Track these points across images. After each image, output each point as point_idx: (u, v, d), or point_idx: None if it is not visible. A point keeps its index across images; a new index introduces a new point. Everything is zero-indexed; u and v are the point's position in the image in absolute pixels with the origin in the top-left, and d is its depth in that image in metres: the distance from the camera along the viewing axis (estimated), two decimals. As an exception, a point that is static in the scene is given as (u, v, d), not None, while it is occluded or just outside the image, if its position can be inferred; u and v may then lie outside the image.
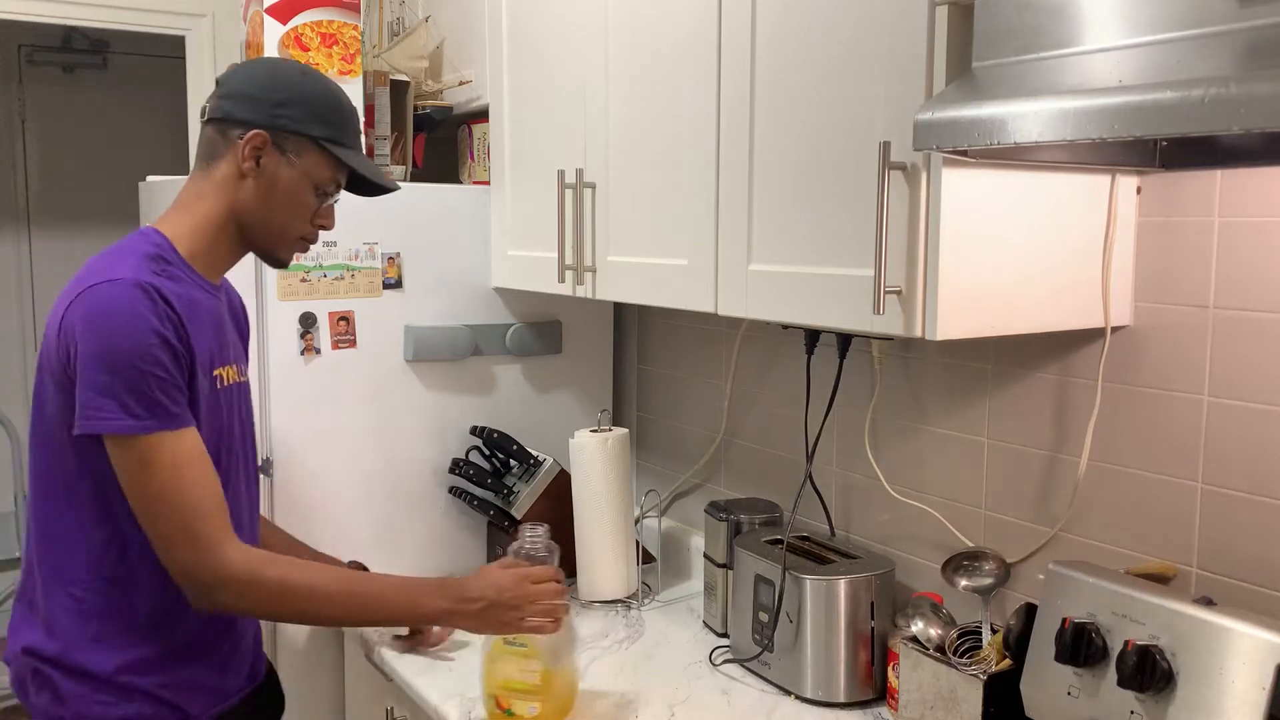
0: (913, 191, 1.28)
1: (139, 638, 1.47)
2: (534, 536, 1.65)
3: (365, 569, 1.90)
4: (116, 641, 1.46)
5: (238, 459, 1.57)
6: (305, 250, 1.62)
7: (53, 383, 1.42)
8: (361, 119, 1.61)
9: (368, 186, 1.64)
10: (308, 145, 1.51)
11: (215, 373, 1.50)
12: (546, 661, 1.56)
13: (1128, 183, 1.43)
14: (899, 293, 1.30)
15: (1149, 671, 1.23)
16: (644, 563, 2.17)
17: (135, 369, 1.35)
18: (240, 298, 1.75)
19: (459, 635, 1.89)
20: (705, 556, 1.97)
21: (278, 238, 1.55)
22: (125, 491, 1.39)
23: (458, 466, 2.19)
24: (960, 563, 1.59)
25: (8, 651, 1.52)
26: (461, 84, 2.35)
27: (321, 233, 1.59)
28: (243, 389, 1.62)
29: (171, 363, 1.38)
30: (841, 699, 1.66)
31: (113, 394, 1.35)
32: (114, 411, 1.35)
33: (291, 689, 2.07)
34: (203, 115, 1.54)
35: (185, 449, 1.40)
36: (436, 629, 1.87)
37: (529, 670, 1.56)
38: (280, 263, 1.60)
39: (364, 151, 1.61)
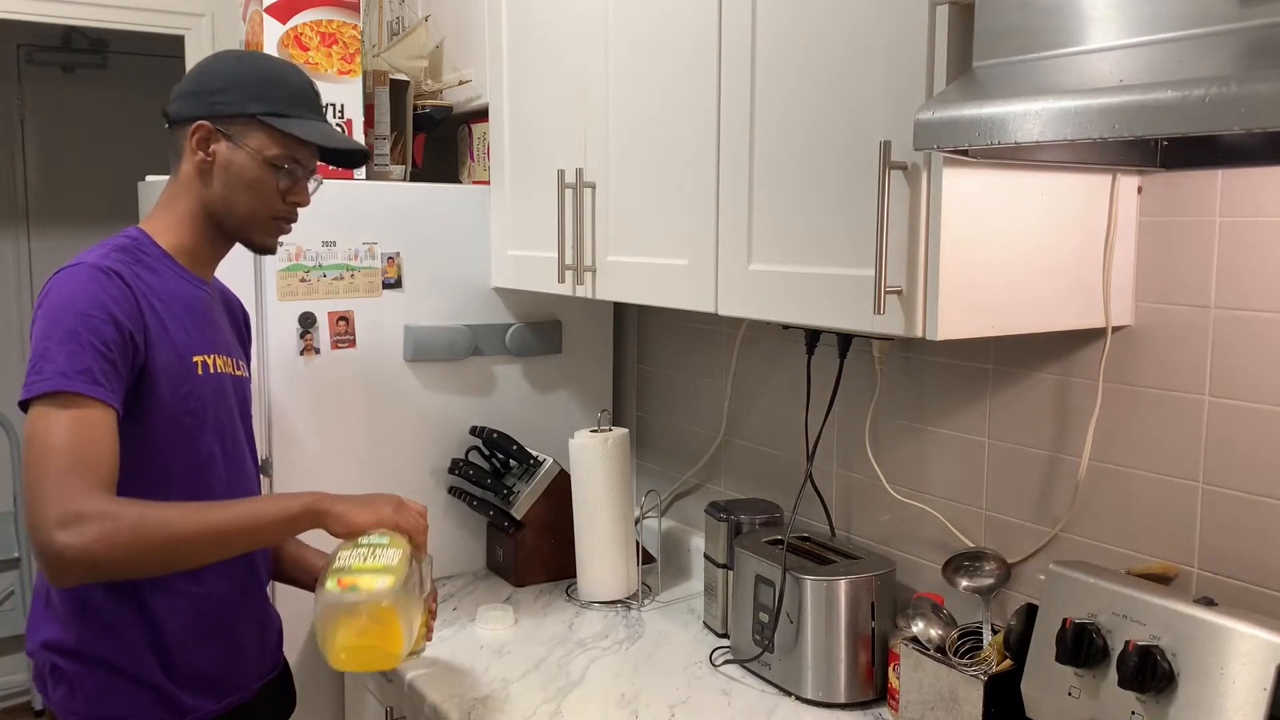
0: (913, 191, 1.28)
1: (148, 631, 1.47)
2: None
3: None
4: (130, 635, 1.47)
5: (228, 446, 1.55)
6: (285, 231, 1.59)
7: None
8: (316, 89, 1.59)
9: (342, 156, 1.63)
10: (251, 125, 1.51)
11: (195, 358, 1.49)
12: (404, 554, 1.42)
13: (1128, 183, 1.43)
14: (899, 293, 1.30)
15: (1150, 672, 1.23)
16: (644, 563, 2.17)
17: (75, 334, 1.34)
18: (241, 304, 1.75)
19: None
20: (705, 557, 1.97)
21: (249, 222, 1.54)
22: (23, 453, 1.33)
23: (457, 466, 2.19)
24: (961, 563, 1.59)
25: (28, 646, 1.53)
26: (461, 83, 2.35)
27: (320, 233, 1.58)
28: (240, 382, 1.62)
29: (115, 339, 1.36)
30: (842, 699, 1.66)
31: (47, 357, 1.33)
32: (46, 374, 1.32)
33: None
34: (166, 126, 1.57)
35: (94, 417, 1.32)
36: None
37: (386, 558, 1.40)
38: (263, 248, 1.59)
39: (322, 120, 1.59)
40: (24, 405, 1.35)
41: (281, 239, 1.61)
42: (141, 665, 1.47)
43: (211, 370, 1.52)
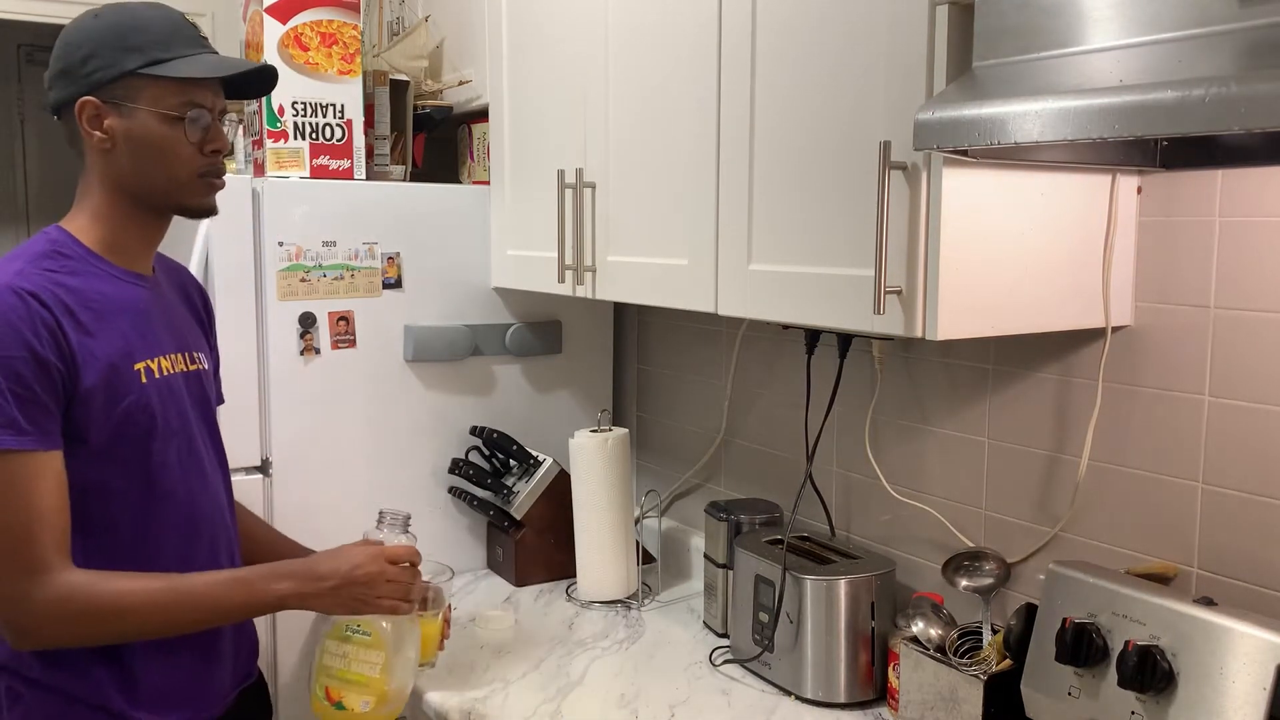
0: (913, 191, 1.28)
1: (110, 654, 1.40)
2: (394, 513, 1.60)
3: None
4: (85, 659, 1.39)
5: (184, 451, 1.47)
6: (218, 186, 1.45)
7: None
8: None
9: (248, 85, 1.47)
10: (134, 82, 1.36)
11: (137, 366, 1.40)
12: (389, 653, 1.50)
13: (1128, 183, 1.43)
14: (899, 293, 1.30)
15: (1150, 672, 1.23)
16: (644, 563, 2.17)
17: None
18: (196, 281, 1.66)
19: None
20: (705, 557, 1.97)
21: (173, 189, 1.41)
22: None
23: (458, 466, 2.19)
24: (960, 563, 1.59)
25: None
26: (461, 84, 2.35)
27: (320, 234, 1.51)
28: (194, 378, 1.52)
29: (37, 379, 1.28)
30: (842, 699, 1.66)
31: None
32: None
33: (291, 688, 2.08)
34: (55, 119, 1.44)
35: (31, 470, 1.28)
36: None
37: (369, 662, 1.49)
38: (201, 210, 1.45)
39: (208, 51, 1.42)
40: None
41: (218, 194, 1.47)
42: (100, 691, 1.40)
43: (157, 375, 1.43)
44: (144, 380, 1.40)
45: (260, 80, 1.48)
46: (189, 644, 1.46)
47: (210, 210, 1.46)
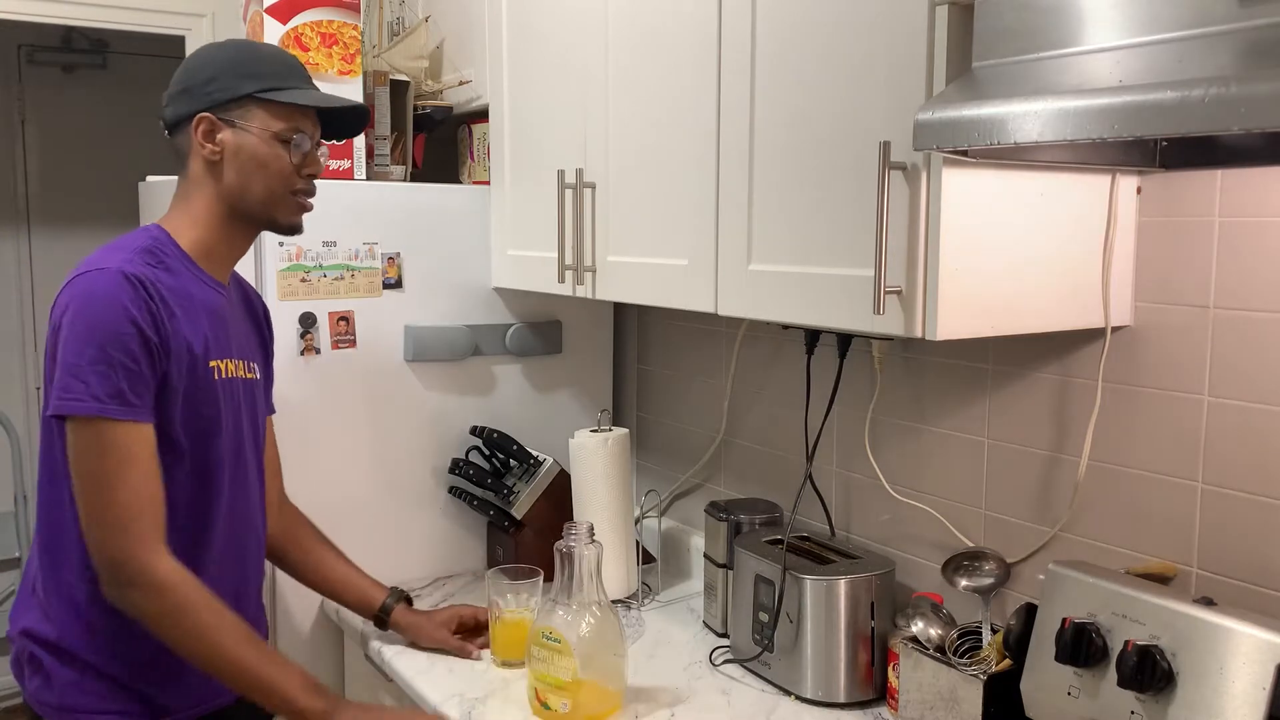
0: (913, 191, 1.28)
1: (131, 634, 1.47)
2: (574, 533, 1.63)
3: (409, 599, 1.90)
4: (110, 635, 1.47)
5: (234, 453, 1.58)
6: (308, 208, 1.60)
7: (50, 369, 1.45)
8: (299, 62, 1.62)
9: (343, 127, 1.65)
10: (249, 104, 1.52)
11: (212, 363, 1.51)
12: (579, 662, 1.57)
13: (1128, 183, 1.43)
14: (899, 293, 1.30)
15: (1149, 671, 1.23)
16: (644, 563, 2.17)
17: (105, 354, 1.38)
18: (261, 299, 1.78)
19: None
20: (705, 556, 1.97)
21: (270, 203, 1.55)
22: (71, 471, 1.41)
23: (458, 466, 2.19)
24: (960, 563, 1.59)
25: (9, 631, 1.54)
26: (461, 84, 2.35)
27: (321, 234, 1.58)
28: (250, 386, 1.64)
29: (143, 354, 1.40)
30: (841, 699, 1.66)
31: (80, 376, 1.38)
32: (79, 394, 1.38)
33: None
34: (165, 134, 1.58)
35: (136, 442, 1.41)
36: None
37: (562, 668, 1.58)
38: (290, 227, 1.60)
39: (314, 88, 1.60)
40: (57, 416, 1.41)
41: (305, 216, 1.61)
42: (119, 665, 1.48)
43: (225, 375, 1.55)
44: (215, 378, 1.53)
45: (355, 118, 1.65)
46: None
47: (297, 229, 1.61)
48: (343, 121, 1.64)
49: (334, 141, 1.72)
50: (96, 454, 1.39)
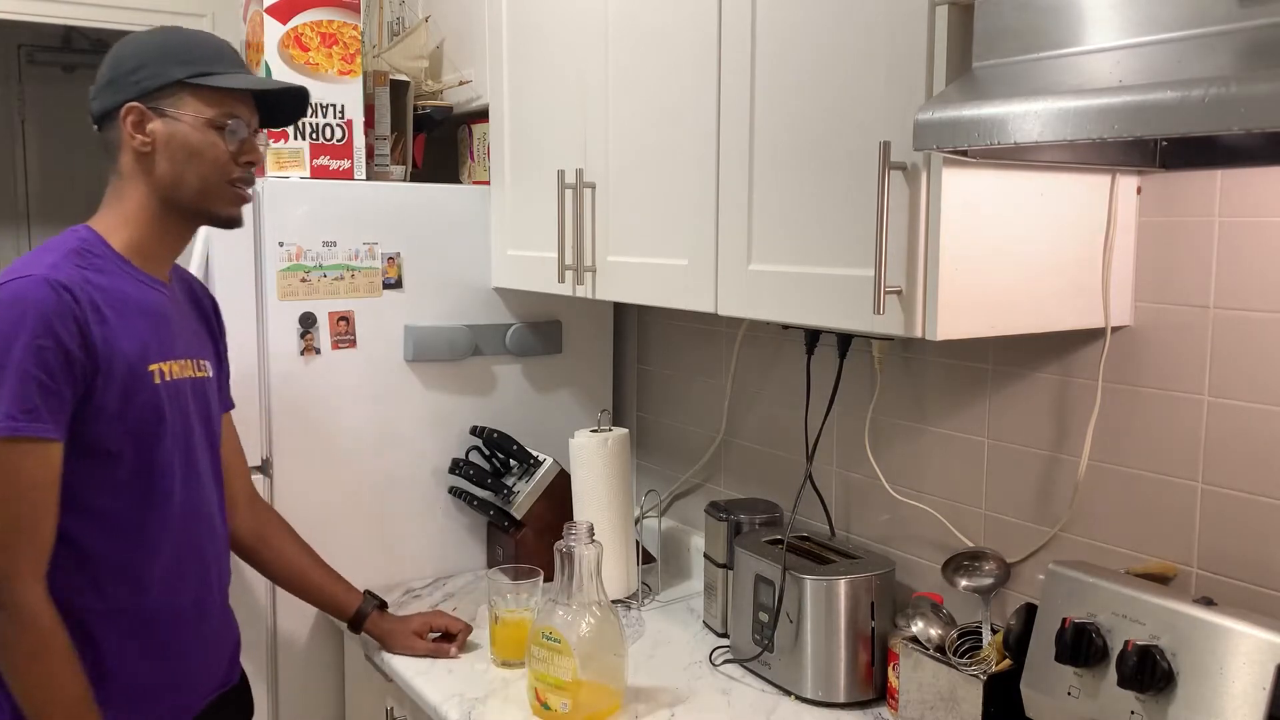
0: (913, 191, 1.28)
1: (81, 648, 1.40)
2: (574, 533, 1.63)
3: (384, 604, 1.89)
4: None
5: (184, 455, 1.51)
6: (247, 198, 1.52)
7: None
8: (242, 53, 1.54)
9: (284, 112, 1.57)
10: (179, 91, 1.44)
11: (151, 367, 1.44)
12: (579, 662, 1.57)
13: (1128, 183, 1.43)
14: (899, 293, 1.30)
15: (1149, 671, 1.23)
16: (644, 563, 2.17)
17: (21, 369, 1.31)
18: (209, 293, 1.71)
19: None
20: (705, 556, 1.97)
21: (206, 194, 1.47)
22: None
23: (458, 466, 2.19)
24: (960, 563, 1.59)
25: None
26: (461, 84, 2.35)
27: (321, 234, 1.54)
28: (202, 385, 1.56)
29: (61, 370, 1.33)
30: (841, 699, 1.66)
31: None
32: None
33: (291, 689, 2.08)
34: (95, 129, 1.52)
35: (38, 464, 1.34)
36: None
37: (562, 668, 1.57)
38: (228, 219, 1.52)
39: (247, 72, 1.52)
40: None
41: (244, 208, 1.54)
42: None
43: (168, 378, 1.47)
44: (156, 381, 1.45)
45: (294, 102, 1.57)
46: (164, 645, 1.49)
47: (236, 221, 1.53)
48: (282, 106, 1.56)
49: (275, 129, 1.64)
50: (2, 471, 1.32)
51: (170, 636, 1.50)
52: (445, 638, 1.86)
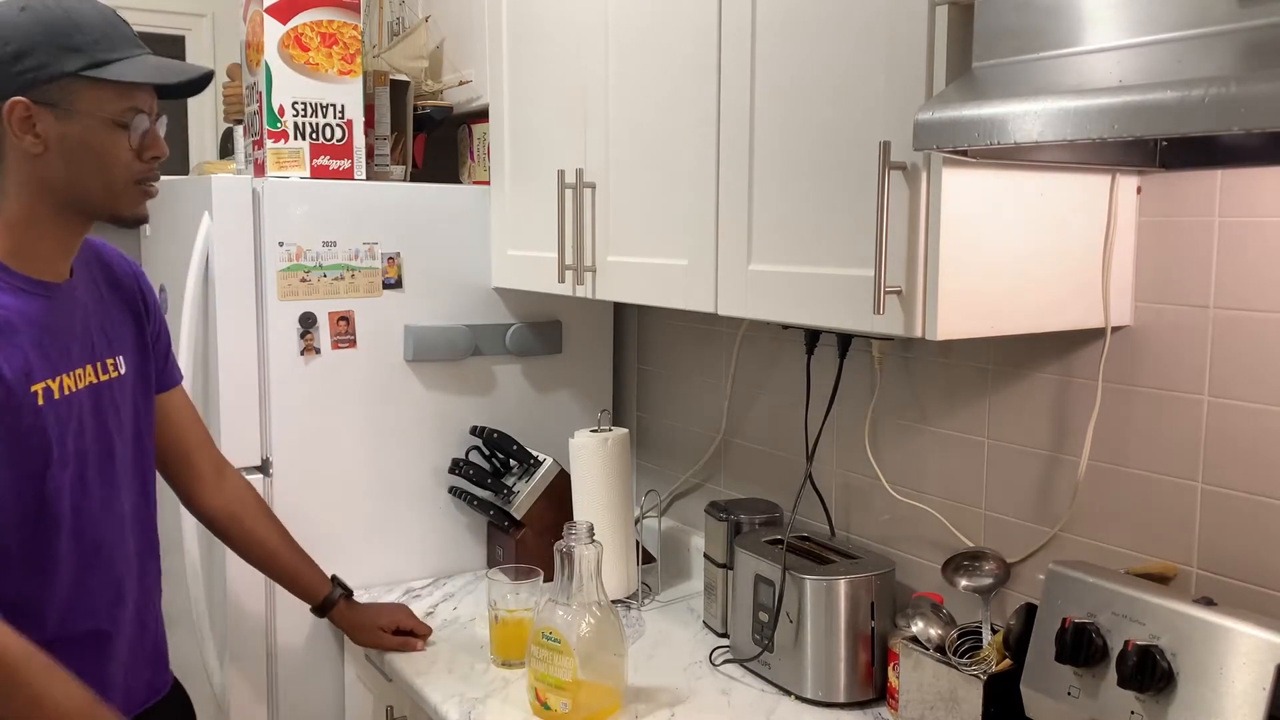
0: (913, 191, 1.28)
1: None
2: (574, 533, 1.63)
3: (350, 593, 1.89)
4: None
5: (81, 473, 1.38)
6: (153, 194, 1.37)
7: None
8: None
9: (178, 86, 1.37)
10: (72, 85, 1.27)
11: (35, 387, 1.30)
12: (579, 662, 1.57)
13: (1128, 183, 1.43)
14: (899, 293, 1.30)
15: (1149, 671, 1.23)
16: (644, 563, 2.17)
17: None
18: (133, 270, 1.56)
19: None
20: (705, 556, 1.97)
21: (107, 195, 1.33)
22: None
23: (458, 466, 2.19)
24: (960, 563, 1.59)
25: None
26: (461, 84, 2.35)
27: (321, 234, 1.47)
28: (110, 388, 1.43)
29: None
30: (841, 699, 1.66)
31: None
32: None
33: (291, 689, 2.08)
34: None
35: None
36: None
37: (562, 668, 1.57)
38: (135, 219, 1.37)
39: (145, 52, 1.33)
40: None
41: (148, 202, 1.39)
42: None
43: (56, 395, 1.33)
44: (40, 402, 1.31)
45: (193, 84, 1.39)
46: (73, 664, 1.31)
47: (142, 219, 1.39)
48: (183, 85, 1.38)
49: (173, 98, 1.43)
50: None
51: (77, 666, 1.30)
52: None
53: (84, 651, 1.39)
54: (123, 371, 1.47)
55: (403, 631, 1.89)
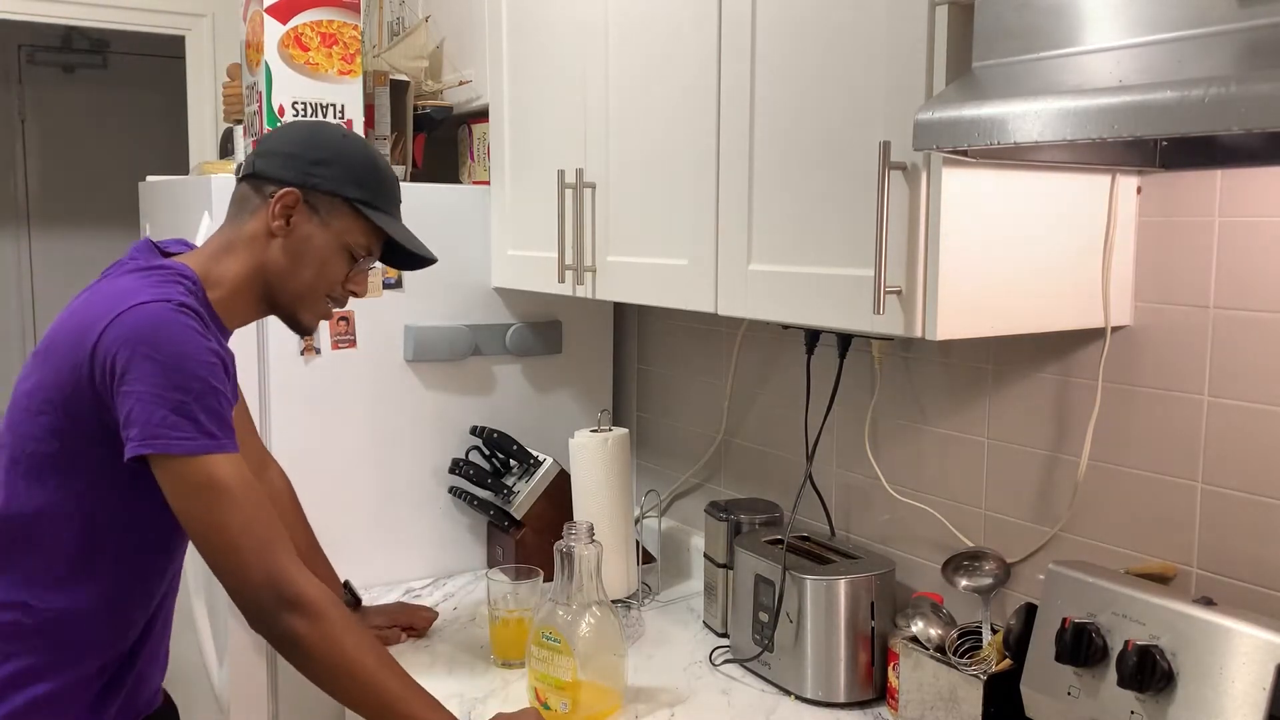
0: (913, 191, 1.28)
1: None
2: (574, 533, 1.63)
3: (357, 597, 1.91)
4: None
5: None
6: (329, 316, 1.56)
7: (56, 407, 1.34)
8: (400, 186, 1.56)
9: (404, 258, 1.58)
10: (341, 207, 1.47)
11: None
12: (579, 662, 1.57)
13: (1128, 183, 1.43)
14: (899, 293, 1.30)
15: (1149, 671, 1.23)
16: (644, 563, 2.17)
17: (208, 386, 1.31)
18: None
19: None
20: (705, 556, 1.97)
21: (302, 300, 1.50)
22: (183, 514, 1.32)
23: (458, 466, 2.19)
24: (960, 563, 1.59)
25: None
26: (461, 84, 2.35)
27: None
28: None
29: (228, 385, 1.35)
30: (841, 699, 1.66)
31: (187, 413, 1.28)
32: (188, 431, 1.29)
33: (292, 689, 2.08)
34: (237, 172, 1.52)
35: (246, 472, 1.34)
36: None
37: (562, 668, 1.58)
38: (305, 327, 1.54)
39: (399, 213, 1.56)
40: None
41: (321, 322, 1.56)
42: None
43: None
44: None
45: (418, 263, 1.59)
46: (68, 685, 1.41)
47: (310, 330, 1.56)
48: (404, 256, 1.58)
49: (392, 267, 1.69)
50: (216, 491, 1.32)
51: (92, 695, 1.43)
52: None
53: (102, 685, 1.44)
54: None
55: (402, 627, 1.90)
